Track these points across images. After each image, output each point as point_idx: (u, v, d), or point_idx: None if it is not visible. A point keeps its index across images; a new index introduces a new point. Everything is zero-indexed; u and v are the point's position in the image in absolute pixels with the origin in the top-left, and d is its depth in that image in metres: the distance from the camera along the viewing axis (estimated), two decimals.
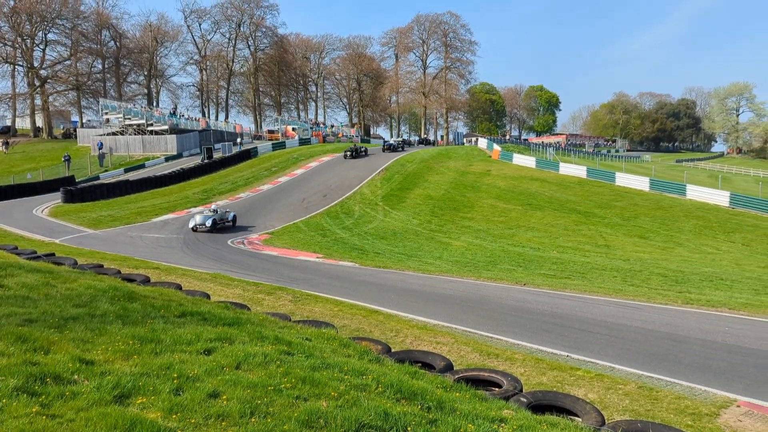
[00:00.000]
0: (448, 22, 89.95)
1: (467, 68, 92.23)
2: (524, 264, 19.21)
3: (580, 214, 30.95)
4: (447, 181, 39.21)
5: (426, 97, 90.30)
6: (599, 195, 36.36)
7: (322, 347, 6.39)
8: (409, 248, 22.82)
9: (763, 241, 26.63)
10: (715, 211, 32.79)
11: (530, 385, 6.84)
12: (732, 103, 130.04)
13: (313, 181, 39.73)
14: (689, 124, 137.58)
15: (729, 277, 17.18)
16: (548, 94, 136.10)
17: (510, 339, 9.20)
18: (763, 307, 12.51)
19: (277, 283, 13.72)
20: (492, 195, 35.27)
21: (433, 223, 28.52)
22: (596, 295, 13.87)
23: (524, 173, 42.68)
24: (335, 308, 11.09)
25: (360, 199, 34.12)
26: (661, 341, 9.41)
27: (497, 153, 51.23)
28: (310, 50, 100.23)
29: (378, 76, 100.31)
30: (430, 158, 47.83)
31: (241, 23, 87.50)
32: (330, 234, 25.81)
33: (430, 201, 33.57)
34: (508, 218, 29.86)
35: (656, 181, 39.39)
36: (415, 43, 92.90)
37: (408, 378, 5.40)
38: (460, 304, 12.55)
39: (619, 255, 22.11)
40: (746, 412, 6.17)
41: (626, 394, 6.64)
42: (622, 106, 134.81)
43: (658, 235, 27.22)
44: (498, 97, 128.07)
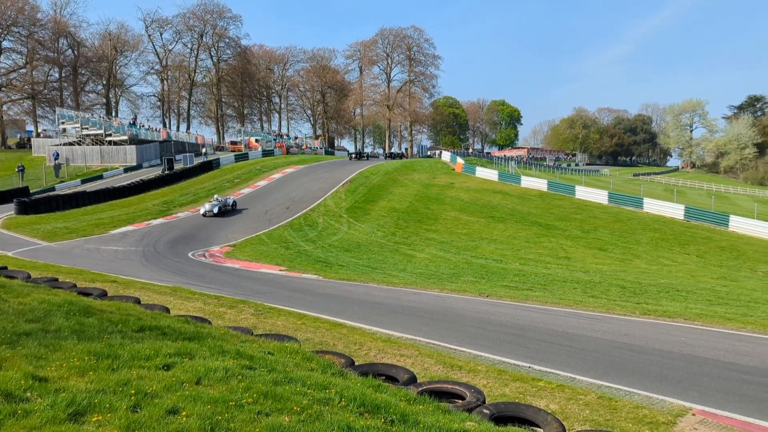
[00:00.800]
0: (412, 36, 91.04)
1: (431, 82, 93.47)
2: (487, 276, 19.38)
3: (541, 227, 31.43)
4: (411, 193, 39.40)
5: (390, 110, 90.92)
6: (560, 208, 37.01)
7: (285, 361, 6.31)
8: (374, 260, 22.79)
9: (715, 254, 27.47)
10: (670, 224, 33.70)
11: (493, 396, 6.86)
12: (686, 120, 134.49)
13: (277, 193, 39.45)
14: (646, 139, 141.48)
15: (684, 289, 17.64)
16: (510, 109, 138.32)
17: (473, 351, 9.24)
18: (716, 317, 12.86)
19: (239, 297, 13.52)
20: (455, 207, 35.56)
21: (397, 236, 28.58)
22: (557, 306, 14.05)
23: (487, 186, 43.21)
24: (298, 321, 10.97)
25: (324, 211, 34.01)
26: (620, 351, 9.58)
27: (460, 166, 51.76)
28: (274, 62, 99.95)
29: (342, 89, 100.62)
30: (395, 171, 48.04)
31: (204, 33, 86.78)
32: (293, 246, 25.61)
33: (395, 213, 33.66)
34: (472, 230, 30.13)
35: (614, 195, 40.34)
36: (380, 57, 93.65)
37: (371, 391, 5.36)
38: (424, 316, 12.56)
39: (580, 267, 22.50)
40: (701, 420, 6.31)
41: (586, 404, 6.72)
42: (582, 121, 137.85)
43: (616, 247, 27.81)
44: (461, 111, 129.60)
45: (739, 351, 9.76)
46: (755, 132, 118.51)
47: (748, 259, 26.69)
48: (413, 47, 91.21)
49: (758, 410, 6.68)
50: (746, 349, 9.97)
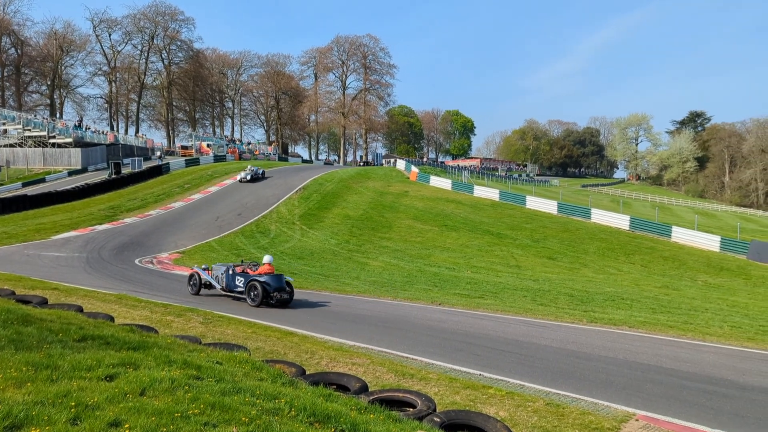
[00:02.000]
0: (368, 45, 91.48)
1: (386, 90, 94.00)
2: (440, 284, 19.51)
3: (493, 236, 31.88)
4: (366, 201, 39.42)
5: (345, 117, 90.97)
6: (511, 217, 37.63)
7: (234, 371, 6.18)
8: (327, 268, 22.66)
9: (659, 263, 28.40)
10: (616, 234, 34.68)
11: (444, 404, 6.88)
12: (632, 133, 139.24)
13: (228, 199, 38.86)
14: (594, 151, 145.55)
15: (629, 297, 18.15)
16: (464, 119, 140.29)
17: (425, 359, 9.25)
18: (659, 325, 13.27)
19: (187, 305, 13.21)
20: (410, 215, 35.75)
21: (351, 243, 28.51)
22: (508, 314, 14.25)
23: (441, 195, 43.60)
24: (248, 330, 10.79)
25: (277, 218, 33.67)
26: (568, 359, 9.75)
27: (415, 174, 52.09)
28: (228, 66, 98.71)
29: (297, 95, 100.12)
30: (349, 178, 47.98)
31: (155, 35, 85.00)
32: (244, 253, 25.23)
33: (349, 221, 33.60)
34: (425, 238, 30.32)
35: (563, 205, 41.28)
36: (335, 64, 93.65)
37: (322, 401, 5.29)
38: (377, 324, 12.53)
39: (529, 275, 22.90)
40: (644, 425, 6.47)
41: (535, 411, 6.81)
42: (533, 133, 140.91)
43: (565, 256, 28.43)
44: (416, 120, 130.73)
45: (680, 357, 10.08)
46: (696, 146, 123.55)
47: (689, 268, 27.69)
48: (369, 55, 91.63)
49: (697, 415, 6.90)
50: (687, 355, 10.31)
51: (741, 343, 11.56)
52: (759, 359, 10.26)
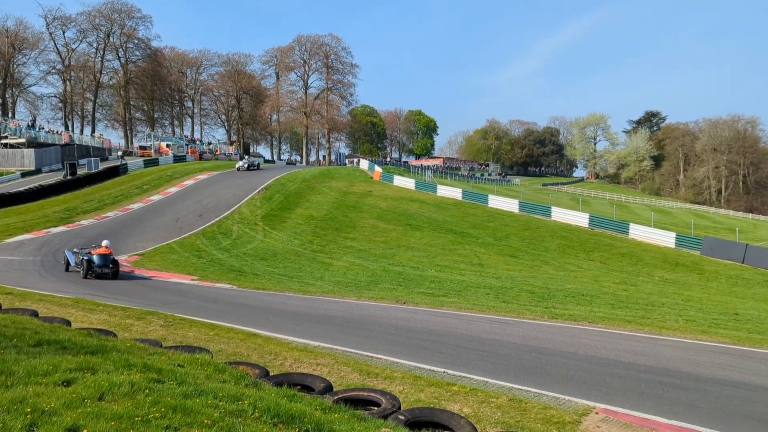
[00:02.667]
0: (330, 44, 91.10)
1: (348, 90, 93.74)
2: (404, 283, 19.58)
3: (456, 234, 32.14)
4: (329, 201, 39.28)
5: (308, 117, 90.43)
6: (474, 216, 38.01)
7: (196, 373, 6.08)
8: (290, 269, 22.51)
9: (617, 260, 29.07)
10: (576, 232, 35.36)
11: (408, 402, 6.90)
12: (590, 133, 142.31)
13: (189, 200, 38.24)
14: (553, 150, 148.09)
15: (589, 293, 18.52)
16: (426, 119, 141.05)
17: (390, 357, 9.27)
18: (618, 320, 13.59)
19: (147, 308, 12.95)
20: (373, 215, 35.76)
21: (315, 244, 28.38)
22: (471, 312, 14.38)
23: (404, 194, 43.75)
24: (211, 332, 10.64)
25: (239, 218, 33.28)
26: (530, 355, 9.90)
27: (378, 174, 52.17)
28: (187, 65, 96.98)
29: (258, 94, 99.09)
30: (312, 178, 47.75)
31: (111, 33, 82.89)
32: (206, 255, 24.89)
33: (312, 221, 33.43)
34: (389, 238, 30.38)
35: (525, 204, 41.90)
36: (297, 63, 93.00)
37: (286, 401, 5.25)
38: (341, 324, 12.50)
39: (492, 273, 23.16)
40: (604, 418, 6.61)
41: (498, 407, 6.89)
42: (494, 132, 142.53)
43: (526, 254, 28.85)
44: (379, 120, 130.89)
45: (637, 351, 10.33)
46: (652, 145, 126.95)
47: (646, 264, 28.41)
48: (331, 55, 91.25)
49: (654, 407, 7.08)
50: (644, 349, 10.58)
51: (695, 336, 11.92)
52: (712, 351, 10.59)
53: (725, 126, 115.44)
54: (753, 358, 10.05)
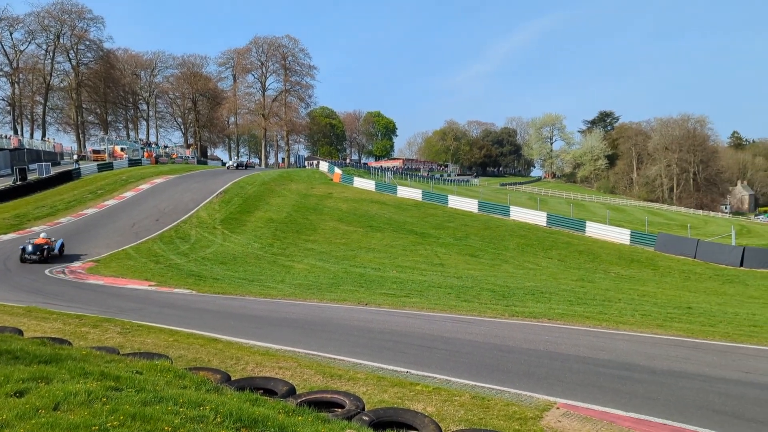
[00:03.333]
0: (287, 46, 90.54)
1: (307, 92, 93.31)
2: (366, 284, 19.56)
3: (417, 235, 32.29)
4: (289, 203, 38.99)
5: (266, 119, 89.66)
6: (434, 216, 38.25)
7: (155, 380, 5.95)
8: (250, 273, 22.25)
9: (574, 257, 29.66)
10: (534, 230, 35.95)
11: (372, 403, 6.89)
12: (546, 133, 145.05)
13: (145, 205, 37.42)
14: (511, 150, 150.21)
15: (548, 290, 18.85)
16: (385, 120, 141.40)
17: (353, 359, 9.25)
18: (576, 316, 13.86)
19: (104, 315, 12.62)
20: (334, 217, 35.65)
21: (275, 247, 28.12)
22: (433, 311, 14.47)
23: (365, 196, 43.75)
24: (170, 338, 10.42)
25: (197, 222, 32.74)
26: (492, 352, 10.01)
27: (338, 176, 52.05)
28: (141, 67, 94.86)
29: (215, 97, 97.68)
30: (271, 181, 47.33)
31: (61, 34, 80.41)
32: (164, 260, 24.40)
33: (272, 224, 33.12)
34: (350, 240, 30.33)
35: (484, 204, 42.41)
36: (254, 65, 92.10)
37: (248, 405, 5.18)
38: (303, 327, 12.42)
39: (453, 273, 23.35)
40: (564, 412, 6.73)
41: (461, 405, 6.94)
42: (453, 133, 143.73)
43: (486, 253, 29.19)
44: (338, 122, 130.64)
45: (596, 346, 10.56)
46: (606, 145, 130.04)
47: (603, 261, 29.08)
48: (288, 56, 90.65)
49: (613, 400, 7.25)
50: (602, 344, 10.81)
51: (651, 330, 12.24)
52: (667, 344, 10.90)
53: (676, 125, 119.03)
54: (706, 350, 10.38)
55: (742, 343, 11.02)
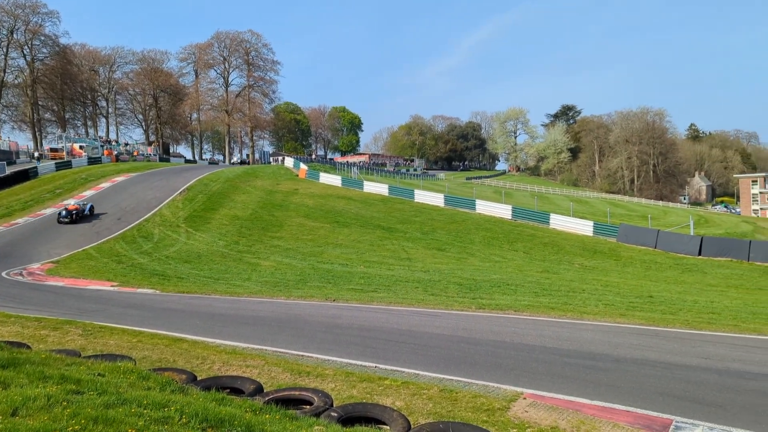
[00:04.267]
0: (250, 41, 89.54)
1: (271, 87, 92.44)
2: (333, 280, 19.51)
3: (384, 230, 32.32)
4: (254, 200, 38.60)
5: (229, 115, 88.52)
6: (401, 211, 38.33)
7: (118, 382, 5.82)
8: (216, 271, 21.98)
9: (539, 249, 30.07)
10: (500, 224, 36.32)
11: (341, 398, 6.88)
12: (510, 127, 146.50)
13: (106, 204, 36.60)
14: (476, 144, 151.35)
15: (514, 282, 19.07)
16: (351, 115, 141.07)
17: (321, 355, 9.21)
18: (542, 307, 14.06)
19: (64, 317, 12.30)
20: (300, 213, 35.43)
21: (240, 244, 27.82)
22: (401, 306, 14.51)
23: (331, 191, 43.58)
24: (134, 339, 10.23)
25: (160, 221, 32.16)
26: (459, 345, 10.09)
27: (304, 172, 51.72)
28: (99, 63, 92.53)
29: (177, 93, 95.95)
30: (236, 177, 46.78)
31: (14, 30, 77.85)
32: (126, 260, 23.92)
33: (237, 221, 32.75)
34: (317, 236, 30.19)
35: (450, 198, 42.67)
36: (216, 60, 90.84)
37: (215, 405, 5.11)
38: (270, 324, 12.32)
39: (420, 267, 23.44)
40: (531, 402, 6.83)
41: (430, 398, 6.98)
42: (418, 128, 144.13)
43: (453, 246, 29.38)
44: (303, 117, 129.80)
45: (561, 336, 10.73)
46: (569, 138, 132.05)
47: (567, 253, 29.55)
48: (251, 52, 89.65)
49: (578, 389, 7.37)
50: (567, 334, 10.99)
51: (614, 320, 12.50)
52: (630, 333, 11.14)
53: (636, 118, 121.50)
54: (666, 338, 10.64)
55: (701, 330, 11.34)
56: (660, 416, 6.30)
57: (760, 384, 7.56)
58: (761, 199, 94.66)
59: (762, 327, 11.70)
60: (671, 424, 6.03)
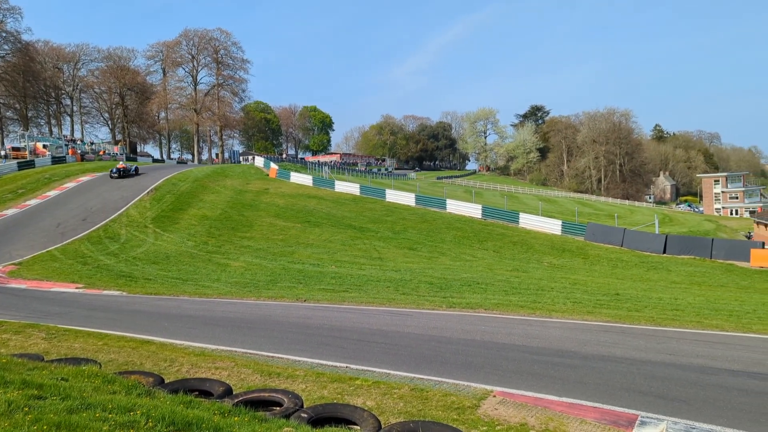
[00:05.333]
0: (219, 39, 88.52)
1: (240, 86, 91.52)
2: (304, 280, 19.41)
3: (355, 230, 32.27)
4: (224, 200, 38.18)
5: (198, 114, 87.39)
6: (372, 211, 38.31)
7: (82, 386, 5.70)
8: (185, 272, 21.68)
9: (509, 248, 30.36)
10: (470, 223, 36.56)
11: (312, 399, 6.85)
12: (480, 127, 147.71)
13: (71, 204, 35.81)
14: (447, 144, 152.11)
15: (484, 281, 19.22)
16: (322, 115, 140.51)
17: (292, 356, 9.16)
18: (511, 305, 14.19)
19: (27, 320, 12.01)
20: (271, 213, 35.16)
21: (210, 244, 27.49)
22: (372, 305, 14.51)
23: (302, 191, 43.34)
24: (99, 342, 10.03)
25: (127, 221, 31.59)
26: (430, 344, 10.12)
27: (274, 171, 51.35)
28: (63, 60, 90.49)
29: (144, 91, 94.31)
30: (205, 177, 46.20)
31: None
32: (92, 261, 23.45)
33: (207, 221, 32.35)
34: (288, 236, 29.99)
35: (421, 197, 42.79)
36: (184, 58, 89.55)
37: (182, 408, 5.04)
38: (240, 326, 12.20)
39: (392, 266, 23.47)
40: (501, 400, 6.89)
41: (401, 397, 6.99)
42: (390, 128, 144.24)
43: (424, 246, 29.47)
44: (273, 117, 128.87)
45: (530, 334, 10.84)
46: (537, 138, 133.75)
47: (536, 251, 29.89)
48: (220, 50, 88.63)
49: (546, 386, 7.46)
50: (536, 332, 11.12)
51: (582, 317, 12.68)
52: (597, 330, 11.31)
53: (602, 119, 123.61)
54: (632, 335, 10.84)
55: (666, 327, 11.58)
56: (626, 411, 6.42)
57: (721, 379, 7.75)
58: (723, 198, 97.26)
59: (723, 323, 12.00)
60: (637, 419, 6.15)
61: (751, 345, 9.96)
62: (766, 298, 17.80)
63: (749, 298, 17.88)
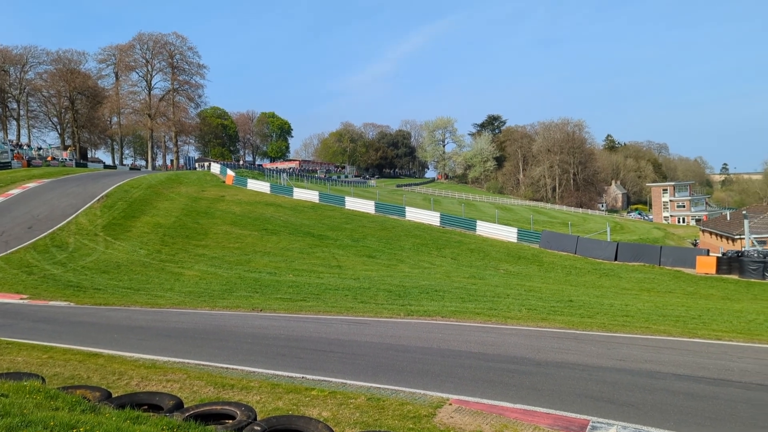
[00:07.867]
0: (174, 44, 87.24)
1: (196, 91, 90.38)
2: (261, 290, 19.14)
3: (314, 237, 32.05)
4: (178, 207, 37.43)
5: (152, 119, 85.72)
6: (331, 218, 38.15)
7: (23, 403, 5.44)
8: (136, 281, 21.12)
9: (467, 255, 30.63)
10: (429, 230, 36.78)
11: (266, 411, 6.71)
12: (439, 135, 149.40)
13: (15, 211, 34.52)
14: (406, 152, 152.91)
15: (442, 289, 19.30)
16: (280, 121, 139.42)
17: (246, 367, 8.98)
18: (468, 313, 14.28)
19: None
20: (227, 221, 34.63)
21: (163, 253, 26.87)
22: (330, 314, 14.38)
23: (259, 198, 42.87)
24: (44, 355, 9.65)
25: (76, 229, 30.62)
26: (388, 352, 10.08)
27: (231, 178, 50.69)
28: (9, 62, 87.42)
29: (95, 95, 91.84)
30: (159, 184, 45.24)
31: None
32: (38, 271, 22.63)
33: (160, 229, 31.64)
34: (244, 244, 29.57)
35: (380, 205, 42.88)
36: (138, 63, 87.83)
37: (129, 424, 4.86)
38: (193, 336, 11.92)
39: (351, 274, 23.37)
40: (457, 408, 6.89)
41: (357, 407, 6.92)
42: (349, 135, 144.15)
43: (383, 253, 29.48)
44: (230, 122, 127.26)
45: (486, 342, 10.91)
46: (494, 147, 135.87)
47: (492, 259, 30.23)
48: (176, 55, 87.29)
49: (502, 393, 7.51)
50: (492, 339, 11.20)
51: (537, 324, 12.84)
52: (551, 336, 11.47)
53: (557, 129, 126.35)
54: (585, 341, 11.02)
55: (616, 333, 11.82)
56: (578, 417, 6.50)
57: (669, 383, 7.93)
58: (671, 206, 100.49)
59: (671, 329, 12.33)
60: (588, 425, 6.23)
61: (697, 350, 10.25)
62: (711, 304, 18.43)
63: (695, 303, 18.46)
